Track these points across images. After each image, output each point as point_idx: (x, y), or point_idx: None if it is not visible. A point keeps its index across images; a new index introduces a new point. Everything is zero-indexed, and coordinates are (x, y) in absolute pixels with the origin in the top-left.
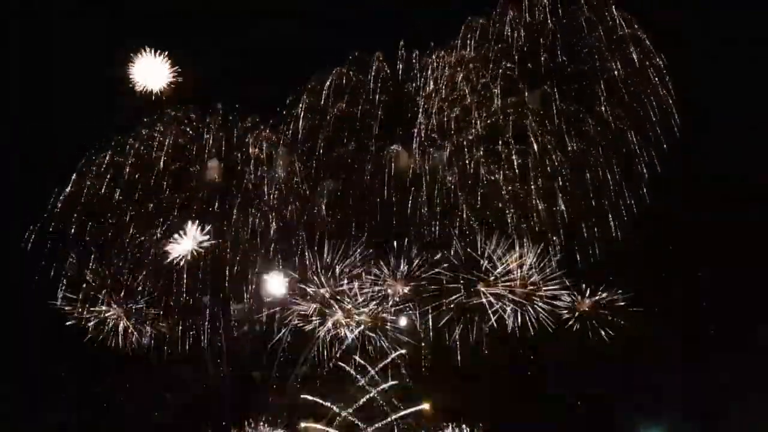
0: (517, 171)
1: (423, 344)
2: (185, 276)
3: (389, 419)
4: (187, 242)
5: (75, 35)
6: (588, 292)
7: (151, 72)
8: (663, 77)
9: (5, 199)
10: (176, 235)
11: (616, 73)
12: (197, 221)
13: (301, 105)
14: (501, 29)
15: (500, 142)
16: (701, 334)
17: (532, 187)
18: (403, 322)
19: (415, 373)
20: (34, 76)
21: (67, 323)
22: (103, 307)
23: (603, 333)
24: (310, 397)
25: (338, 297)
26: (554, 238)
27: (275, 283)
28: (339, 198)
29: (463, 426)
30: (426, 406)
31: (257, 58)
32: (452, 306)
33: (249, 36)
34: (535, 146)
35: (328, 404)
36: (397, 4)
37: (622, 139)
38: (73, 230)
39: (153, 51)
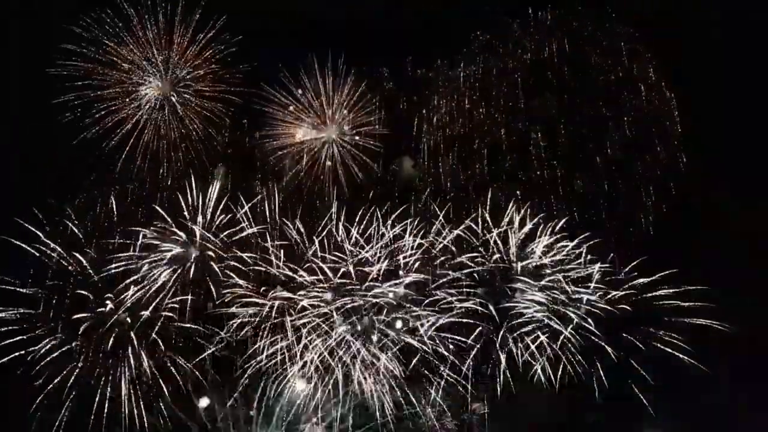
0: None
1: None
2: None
3: None
4: None
5: (75, 35)
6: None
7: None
8: (662, 90)
9: (5, 199)
10: None
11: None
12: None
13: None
14: (506, 45)
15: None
16: None
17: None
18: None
19: None
20: (34, 76)
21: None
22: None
23: None
24: None
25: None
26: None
27: None
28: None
29: None
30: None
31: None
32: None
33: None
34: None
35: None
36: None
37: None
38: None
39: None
